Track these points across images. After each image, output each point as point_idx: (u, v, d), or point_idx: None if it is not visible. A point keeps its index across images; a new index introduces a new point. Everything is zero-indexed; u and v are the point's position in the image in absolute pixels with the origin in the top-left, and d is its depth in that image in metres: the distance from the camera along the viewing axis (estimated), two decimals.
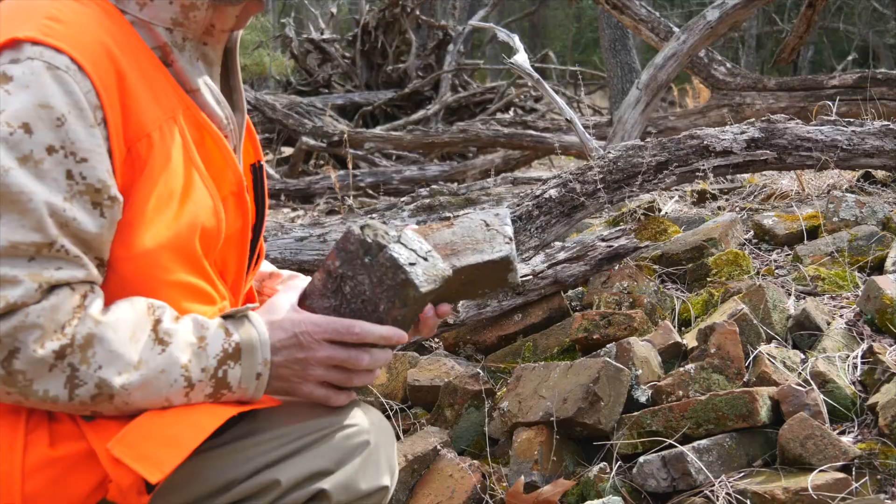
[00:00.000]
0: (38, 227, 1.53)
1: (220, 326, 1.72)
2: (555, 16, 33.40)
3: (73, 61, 1.57)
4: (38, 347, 1.54)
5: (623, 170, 3.91)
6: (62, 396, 1.58)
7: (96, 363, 1.59)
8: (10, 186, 1.50)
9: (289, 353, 1.77)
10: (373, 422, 1.86)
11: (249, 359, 1.72)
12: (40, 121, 1.53)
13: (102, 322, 1.60)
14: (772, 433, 2.53)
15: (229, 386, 1.71)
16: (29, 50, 1.55)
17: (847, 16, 25.43)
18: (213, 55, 1.89)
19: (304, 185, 10.38)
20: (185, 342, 1.68)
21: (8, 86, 1.53)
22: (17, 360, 1.53)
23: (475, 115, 14.29)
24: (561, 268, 3.47)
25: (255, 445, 1.74)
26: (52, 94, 1.54)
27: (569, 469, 2.70)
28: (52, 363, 1.55)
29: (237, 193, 1.89)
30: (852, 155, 4.07)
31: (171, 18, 1.77)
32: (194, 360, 1.67)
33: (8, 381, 1.54)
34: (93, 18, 1.66)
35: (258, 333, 1.74)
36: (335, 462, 1.75)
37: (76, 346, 1.57)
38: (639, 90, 6.71)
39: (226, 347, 1.70)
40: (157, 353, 1.65)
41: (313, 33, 16.66)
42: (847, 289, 3.26)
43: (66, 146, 1.55)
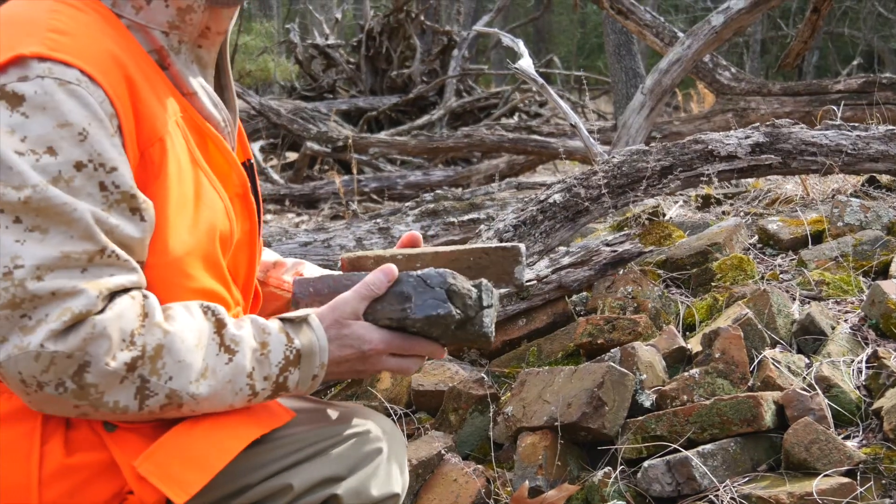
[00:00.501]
0: (86, 235, 1.54)
1: (280, 331, 1.74)
2: (559, 21, 33.42)
3: (83, 73, 1.56)
4: (111, 360, 1.55)
5: (627, 174, 3.90)
6: (132, 407, 1.59)
7: (166, 374, 1.60)
8: (51, 200, 1.51)
9: (351, 365, 1.81)
10: (385, 430, 1.87)
11: (308, 363, 1.75)
12: (63, 140, 1.52)
13: (170, 332, 1.61)
14: (776, 438, 2.53)
15: (287, 388, 1.75)
16: (37, 67, 1.53)
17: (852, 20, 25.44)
18: (207, 57, 1.88)
19: (308, 191, 10.39)
20: (250, 349, 1.70)
21: (22, 107, 1.51)
22: (89, 374, 1.54)
23: (480, 120, 14.30)
24: (565, 272, 3.47)
25: (269, 451, 1.75)
26: (68, 110, 1.53)
27: (573, 474, 2.70)
28: (123, 375, 1.56)
29: (242, 195, 1.90)
30: (857, 159, 4.06)
31: (167, 22, 1.76)
32: (257, 367, 1.70)
33: (79, 395, 1.55)
34: (95, 26, 1.66)
35: (317, 339, 1.76)
36: (347, 468, 1.76)
37: (147, 358, 1.58)
38: (643, 95, 6.71)
39: (287, 355, 1.72)
40: (223, 361, 1.67)
41: (318, 39, 16.70)
42: (852, 293, 3.25)
43: (93, 159, 1.55)
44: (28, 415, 1.61)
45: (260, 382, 1.70)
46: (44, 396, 1.54)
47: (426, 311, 1.80)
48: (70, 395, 1.54)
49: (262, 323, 1.74)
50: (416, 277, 1.82)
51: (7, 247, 1.49)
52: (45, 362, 1.51)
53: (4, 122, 1.51)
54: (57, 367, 1.52)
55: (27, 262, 1.50)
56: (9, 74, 1.53)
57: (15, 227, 1.50)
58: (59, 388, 1.53)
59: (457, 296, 1.80)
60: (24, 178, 1.49)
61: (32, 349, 1.49)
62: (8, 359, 1.50)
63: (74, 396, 1.54)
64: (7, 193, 1.49)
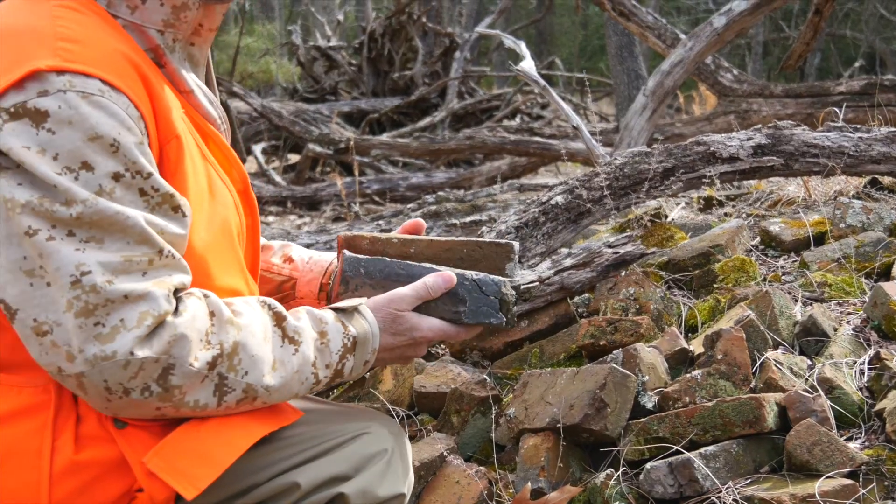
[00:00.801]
0: (143, 239, 1.56)
1: (336, 320, 1.81)
2: (561, 23, 33.42)
3: (104, 82, 1.55)
4: (193, 360, 1.58)
5: (629, 176, 3.90)
6: (211, 404, 1.63)
7: (242, 369, 1.65)
8: (103, 212, 1.52)
9: (401, 351, 1.92)
10: (390, 430, 1.89)
11: (362, 350, 1.83)
12: (96, 154, 1.52)
13: (242, 327, 1.66)
14: (779, 439, 2.53)
15: (342, 375, 1.82)
16: (57, 80, 1.52)
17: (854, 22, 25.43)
18: (199, 55, 1.89)
19: (310, 193, 10.39)
20: (311, 339, 1.76)
21: (48, 123, 1.50)
22: (174, 376, 1.57)
23: (481, 122, 14.30)
24: (567, 274, 3.46)
25: (276, 450, 1.76)
26: (96, 123, 1.52)
27: (575, 475, 2.70)
28: (205, 374, 1.60)
29: (244, 191, 1.92)
30: (859, 161, 4.06)
31: (162, 20, 1.76)
32: (319, 357, 1.76)
33: (164, 397, 1.58)
34: (101, 29, 1.65)
35: (370, 325, 1.84)
36: (354, 468, 1.77)
37: (225, 355, 1.62)
38: (645, 97, 6.71)
39: (345, 342, 1.80)
40: (290, 352, 1.72)
41: (320, 41, 16.71)
42: (854, 295, 3.25)
43: (129, 168, 1.55)
44: (38, 411, 1.62)
45: (322, 371, 1.77)
46: (127, 402, 1.57)
47: (479, 318, 1.93)
48: (155, 398, 1.58)
49: (318, 313, 1.80)
50: (472, 282, 1.94)
51: (68, 256, 1.50)
52: (135, 369, 1.53)
53: (32, 140, 1.50)
54: (145, 372, 1.55)
55: (94, 267, 1.51)
56: (27, 90, 1.51)
57: (70, 240, 1.51)
58: (144, 392, 1.56)
59: (505, 304, 1.94)
60: (71, 194, 1.50)
61: (121, 358, 1.52)
62: (92, 369, 1.52)
63: (159, 399, 1.58)
64: (58, 210, 1.50)
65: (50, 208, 1.49)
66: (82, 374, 1.52)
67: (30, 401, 1.62)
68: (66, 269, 1.50)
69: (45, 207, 1.49)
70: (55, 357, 1.53)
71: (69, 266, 1.50)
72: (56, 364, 1.53)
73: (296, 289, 2.26)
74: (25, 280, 1.51)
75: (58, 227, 1.50)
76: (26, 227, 1.50)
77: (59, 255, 1.50)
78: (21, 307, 1.52)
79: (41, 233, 1.50)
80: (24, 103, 1.50)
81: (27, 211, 1.49)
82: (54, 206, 1.49)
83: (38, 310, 1.52)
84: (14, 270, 1.51)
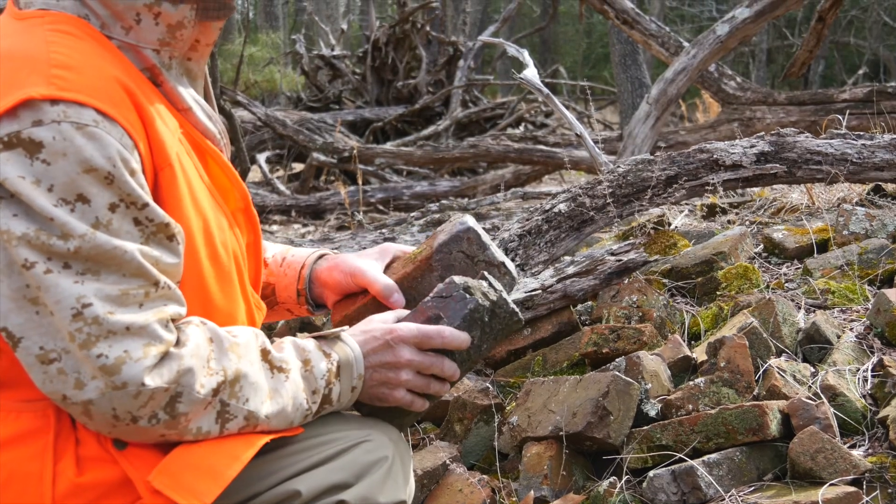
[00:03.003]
0: (139, 272, 1.56)
1: (317, 348, 1.80)
2: (565, 31, 33.47)
3: (98, 112, 1.53)
4: (200, 388, 1.59)
5: (633, 184, 3.90)
6: (214, 431, 1.64)
7: (244, 396, 1.65)
8: (101, 247, 1.52)
9: (379, 357, 1.86)
10: (391, 438, 1.88)
11: (347, 374, 1.81)
12: (91, 185, 1.51)
13: (242, 355, 1.67)
14: (782, 447, 2.53)
15: (331, 402, 1.81)
16: (51, 111, 1.50)
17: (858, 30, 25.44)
18: (196, 69, 1.87)
19: (314, 201, 10.39)
20: (297, 367, 1.76)
21: (42, 154, 1.49)
22: (181, 404, 1.58)
23: (485, 130, 14.30)
24: (570, 282, 3.46)
25: (277, 459, 1.76)
26: (90, 155, 1.51)
27: (578, 483, 2.70)
28: (208, 401, 1.61)
29: (245, 209, 1.91)
30: (862, 168, 4.06)
31: (157, 39, 1.74)
32: (305, 384, 1.76)
33: (170, 425, 1.59)
34: (96, 54, 1.63)
35: (352, 350, 1.83)
36: (355, 475, 1.76)
37: (227, 382, 1.63)
38: (649, 105, 6.72)
39: (329, 368, 1.79)
40: (282, 381, 1.72)
41: (324, 50, 16.70)
42: (857, 302, 3.25)
43: (124, 199, 1.55)
44: (38, 435, 1.61)
45: (310, 397, 1.76)
46: (133, 428, 1.57)
47: (460, 313, 1.88)
48: (161, 426, 1.58)
49: (300, 343, 1.80)
50: (433, 298, 1.91)
51: (67, 289, 1.50)
52: (145, 398, 1.54)
53: (27, 171, 1.49)
54: (154, 401, 1.55)
55: (94, 300, 1.51)
56: (21, 119, 1.50)
57: (67, 272, 1.51)
58: (151, 419, 1.57)
59: (474, 289, 1.89)
60: (68, 228, 1.49)
61: (132, 388, 1.53)
62: (102, 397, 1.52)
63: (165, 426, 1.59)
64: (55, 244, 1.49)
65: (46, 241, 1.49)
66: (90, 401, 1.52)
67: (29, 425, 1.61)
68: (66, 302, 1.49)
69: (42, 241, 1.49)
70: (61, 385, 1.52)
71: (70, 299, 1.49)
72: (61, 392, 1.53)
73: (276, 294, 2.25)
74: (31, 308, 1.51)
75: (54, 259, 1.49)
76: (23, 259, 1.49)
77: (57, 288, 1.49)
78: (26, 335, 1.51)
79: (38, 265, 1.49)
80: (19, 133, 1.49)
81: (23, 243, 1.48)
82: (51, 240, 1.49)
83: (46, 338, 1.51)
84: (17, 299, 1.51)
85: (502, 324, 1.92)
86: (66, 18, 1.67)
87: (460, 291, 1.88)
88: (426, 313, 1.89)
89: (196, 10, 1.76)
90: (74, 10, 1.69)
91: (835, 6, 7.43)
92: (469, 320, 1.88)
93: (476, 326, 1.89)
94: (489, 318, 1.89)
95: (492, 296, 1.90)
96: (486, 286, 1.91)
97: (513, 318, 1.93)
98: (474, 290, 1.88)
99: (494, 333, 1.92)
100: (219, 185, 1.83)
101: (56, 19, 1.66)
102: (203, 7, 1.77)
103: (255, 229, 1.94)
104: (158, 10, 1.72)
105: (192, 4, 1.75)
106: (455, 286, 1.89)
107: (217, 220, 1.78)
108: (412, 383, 1.88)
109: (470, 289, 1.88)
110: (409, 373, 1.86)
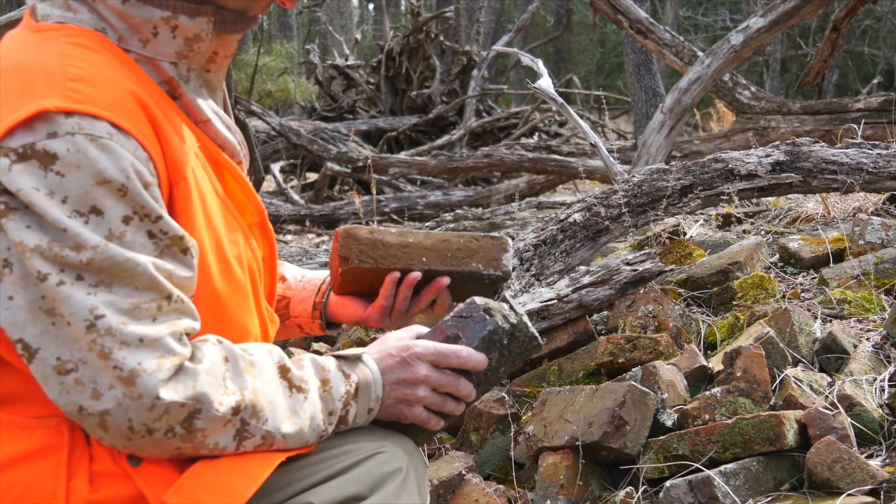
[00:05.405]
0: (152, 285, 1.55)
1: (338, 368, 1.79)
2: (579, 41, 33.47)
3: (112, 125, 1.53)
4: (219, 406, 1.58)
5: (647, 193, 3.90)
6: (230, 447, 1.64)
7: (264, 416, 1.65)
8: (114, 259, 1.51)
9: (397, 374, 1.84)
10: (405, 449, 1.86)
11: (364, 397, 1.80)
12: (105, 198, 1.51)
13: (258, 375, 1.66)
14: (799, 457, 2.52)
15: (347, 423, 1.79)
16: (65, 123, 1.50)
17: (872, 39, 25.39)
18: (215, 80, 1.87)
19: (328, 211, 10.40)
20: (317, 387, 1.74)
21: (56, 166, 1.49)
22: (199, 420, 1.58)
23: (499, 139, 14.31)
24: (586, 292, 3.47)
25: (291, 472, 1.75)
26: (104, 167, 1.50)
27: (595, 493, 2.69)
28: (228, 419, 1.60)
29: (260, 224, 1.90)
30: (878, 178, 4.05)
31: (175, 52, 1.73)
32: (323, 404, 1.75)
33: (186, 439, 1.58)
34: (111, 67, 1.63)
35: (371, 372, 1.82)
36: (369, 488, 1.75)
37: (247, 401, 1.63)
38: (663, 114, 6.71)
39: (348, 389, 1.78)
40: (300, 400, 1.71)
41: (338, 59, 16.75)
42: (873, 312, 3.24)
43: (137, 211, 1.54)
44: (52, 451, 1.61)
45: (328, 418, 1.75)
46: (149, 441, 1.57)
47: (478, 335, 1.87)
48: (177, 439, 1.58)
49: (321, 361, 1.79)
50: (453, 318, 1.90)
51: (80, 301, 1.50)
52: (160, 412, 1.53)
53: (41, 182, 1.49)
54: (170, 415, 1.54)
55: (107, 311, 1.51)
56: (36, 132, 1.50)
57: (80, 284, 1.50)
58: (168, 433, 1.56)
59: (494, 311, 1.87)
60: (81, 240, 1.49)
61: (147, 400, 1.52)
62: (118, 408, 1.52)
63: (181, 440, 1.58)
64: (67, 255, 1.49)
65: (59, 253, 1.49)
66: (107, 411, 1.52)
67: (43, 441, 1.61)
68: (80, 314, 1.49)
69: (55, 252, 1.49)
70: (78, 396, 1.52)
71: (83, 311, 1.49)
72: (78, 403, 1.52)
73: (290, 308, 2.26)
74: (47, 319, 1.51)
75: (67, 271, 1.49)
76: (36, 271, 1.49)
77: (71, 300, 1.49)
78: (43, 346, 1.51)
79: (51, 277, 1.49)
80: (33, 145, 1.49)
81: (36, 255, 1.48)
82: (64, 252, 1.49)
83: (63, 349, 1.51)
84: (33, 311, 1.51)
85: (521, 347, 1.91)
86: (82, 32, 1.67)
87: (480, 312, 1.87)
88: (445, 332, 1.88)
89: (214, 23, 1.76)
90: (91, 24, 1.69)
91: (849, 15, 7.42)
92: (487, 342, 1.86)
93: (494, 348, 1.87)
94: (508, 340, 1.87)
95: (512, 319, 1.89)
96: (507, 309, 1.90)
97: (532, 342, 1.91)
98: (494, 311, 1.87)
99: (512, 356, 1.91)
100: (235, 199, 1.83)
101: (73, 32, 1.66)
102: (221, 20, 1.77)
103: (270, 243, 1.94)
104: (176, 24, 1.72)
105: (209, 18, 1.75)
106: (475, 307, 1.88)
107: (231, 234, 1.78)
108: (428, 400, 1.86)
109: (490, 310, 1.87)
110: (425, 389, 1.85)
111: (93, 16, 1.69)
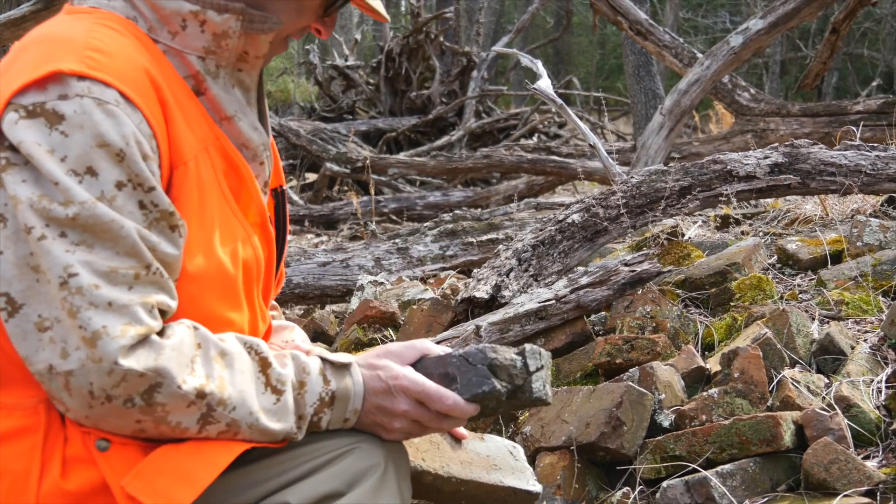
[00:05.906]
0: (132, 252, 1.56)
1: (320, 373, 1.75)
2: (579, 42, 33.47)
3: (121, 95, 1.57)
4: (182, 383, 1.57)
5: (646, 195, 3.91)
6: (192, 429, 1.62)
7: (231, 404, 1.63)
8: (99, 217, 1.52)
9: (378, 399, 1.80)
10: (383, 444, 1.85)
11: (341, 407, 1.77)
12: (102, 160, 1.54)
13: (231, 364, 1.66)
14: (796, 458, 2.53)
15: (320, 427, 1.76)
16: (77, 86, 1.54)
17: (871, 41, 25.40)
18: (248, 81, 1.88)
19: (327, 211, 10.41)
20: (292, 388, 1.72)
21: (62, 126, 1.52)
22: (159, 394, 1.57)
23: (499, 140, 14.32)
24: (584, 292, 3.47)
25: (265, 468, 1.74)
26: (105, 130, 1.54)
27: (592, 494, 2.70)
28: (192, 400, 1.59)
29: (261, 224, 1.91)
30: (876, 180, 4.06)
31: (203, 47, 1.76)
32: (294, 406, 1.72)
33: (146, 412, 1.57)
34: (133, 48, 1.67)
35: (354, 384, 1.77)
36: (347, 484, 1.74)
37: (214, 388, 1.61)
38: (662, 116, 6.72)
39: (322, 396, 1.74)
40: (272, 401, 1.69)
41: (337, 60, 16.74)
42: (871, 313, 3.25)
43: (132, 179, 1.56)
44: (28, 433, 1.61)
45: (297, 421, 1.73)
46: (109, 408, 1.56)
47: (472, 389, 1.80)
48: (136, 411, 1.57)
49: (304, 361, 1.75)
50: (459, 357, 1.82)
51: (58, 257, 1.51)
52: (118, 378, 1.53)
53: (45, 139, 1.52)
54: (128, 383, 1.54)
55: (81, 270, 1.52)
56: (49, 92, 1.54)
57: (61, 240, 1.52)
58: (126, 402, 1.55)
59: (500, 369, 1.79)
60: (71, 195, 1.51)
61: (106, 364, 1.52)
62: (81, 369, 1.52)
63: (140, 412, 1.57)
64: (54, 209, 1.51)
65: (47, 206, 1.51)
66: (71, 372, 1.52)
67: (20, 423, 1.62)
68: (55, 270, 1.51)
69: (43, 205, 1.51)
70: (50, 353, 1.53)
71: (58, 267, 1.51)
72: (49, 361, 1.53)
73: None
74: (32, 275, 1.53)
75: (51, 225, 1.51)
76: (23, 224, 1.51)
77: (49, 255, 1.51)
78: (27, 302, 1.53)
79: (35, 230, 1.51)
80: (44, 104, 1.53)
81: (25, 208, 1.51)
82: (52, 205, 1.51)
83: (43, 306, 1.53)
84: (21, 266, 1.53)
85: (524, 402, 1.85)
86: (114, 17, 1.72)
87: (484, 368, 1.80)
88: (445, 368, 1.83)
89: (241, 22, 1.78)
90: (124, 12, 1.74)
91: (848, 18, 7.43)
92: (480, 399, 1.80)
93: (490, 401, 1.81)
94: (508, 397, 1.81)
95: (518, 380, 1.81)
96: (519, 366, 1.82)
97: (536, 403, 1.85)
98: (500, 371, 1.80)
99: (513, 406, 1.86)
100: (240, 198, 1.84)
101: (104, 16, 1.71)
102: (248, 19, 1.78)
103: (269, 245, 1.95)
104: (204, 18, 1.75)
105: (237, 16, 1.76)
106: (484, 358, 1.81)
107: (227, 230, 1.78)
108: (406, 430, 1.82)
109: (495, 369, 1.80)
110: (402, 422, 1.80)
111: (125, 4, 1.75)
